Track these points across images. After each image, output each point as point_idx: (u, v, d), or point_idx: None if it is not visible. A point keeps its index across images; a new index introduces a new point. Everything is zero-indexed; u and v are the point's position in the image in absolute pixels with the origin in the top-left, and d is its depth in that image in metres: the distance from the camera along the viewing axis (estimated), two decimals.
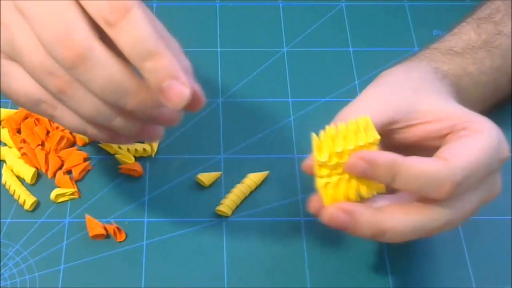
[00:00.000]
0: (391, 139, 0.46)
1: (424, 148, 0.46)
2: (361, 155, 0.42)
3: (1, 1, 0.41)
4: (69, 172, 0.55)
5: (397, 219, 0.43)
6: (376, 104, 0.45)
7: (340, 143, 0.42)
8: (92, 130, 0.43)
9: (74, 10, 0.39)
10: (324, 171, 0.43)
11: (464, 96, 0.51)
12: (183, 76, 0.39)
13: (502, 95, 0.56)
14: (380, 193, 0.44)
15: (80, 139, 0.57)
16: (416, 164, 0.42)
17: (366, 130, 0.43)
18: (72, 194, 0.54)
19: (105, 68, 0.39)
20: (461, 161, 0.42)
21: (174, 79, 0.38)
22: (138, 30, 0.38)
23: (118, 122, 0.42)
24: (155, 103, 0.40)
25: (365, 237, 0.44)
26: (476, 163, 0.42)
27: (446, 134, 0.45)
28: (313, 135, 0.42)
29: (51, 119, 0.44)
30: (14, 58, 0.42)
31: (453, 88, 0.50)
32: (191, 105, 0.40)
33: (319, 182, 0.43)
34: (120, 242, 0.52)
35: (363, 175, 0.42)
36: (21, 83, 0.43)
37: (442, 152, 0.43)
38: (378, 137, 0.43)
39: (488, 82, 0.53)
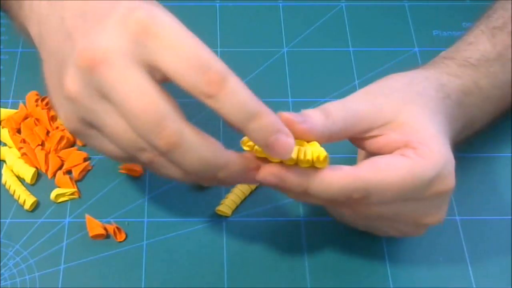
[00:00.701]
0: (361, 146, 0.47)
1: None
2: (272, 170, 0.42)
3: (83, 92, 0.42)
4: (69, 172, 0.55)
5: (324, 176, 0.43)
6: (356, 109, 0.45)
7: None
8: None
9: (162, 97, 0.40)
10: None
11: (471, 111, 0.51)
12: (285, 128, 0.41)
13: (509, 109, 0.56)
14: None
15: None
16: (324, 178, 0.42)
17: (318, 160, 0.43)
18: (72, 194, 0.54)
19: (196, 152, 0.40)
20: (371, 176, 0.42)
21: (280, 133, 0.40)
22: (238, 97, 0.40)
23: (205, 182, 0.45)
24: (243, 173, 0.42)
25: (295, 195, 0.44)
26: (388, 183, 0.42)
27: (399, 148, 0.45)
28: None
29: None
30: (99, 130, 0.43)
31: (454, 107, 0.49)
32: None
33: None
34: (120, 242, 0.52)
35: (276, 187, 0.43)
36: (106, 146, 0.44)
37: (369, 160, 0.44)
38: (325, 165, 0.43)
39: (497, 96, 0.53)
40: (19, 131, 0.57)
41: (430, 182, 0.43)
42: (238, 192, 0.54)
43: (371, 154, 0.47)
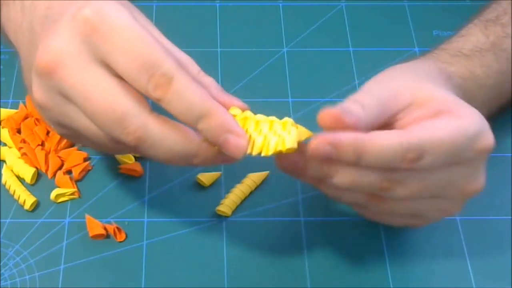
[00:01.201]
0: (392, 127, 0.46)
1: None
2: (325, 138, 0.41)
3: (47, 98, 0.42)
4: (69, 172, 0.55)
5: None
6: (377, 98, 0.45)
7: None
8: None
9: (123, 93, 0.40)
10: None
11: (470, 98, 0.51)
12: (237, 128, 0.41)
13: (507, 99, 0.56)
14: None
15: None
16: (378, 139, 0.41)
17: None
18: (72, 194, 0.54)
19: (163, 144, 0.41)
20: (423, 135, 0.42)
21: (229, 133, 0.40)
22: (185, 99, 0.40)
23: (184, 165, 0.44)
24: (219, 156, 0.42)
25: (348, 158, 0.42)
26: (440, 140, 0.42)
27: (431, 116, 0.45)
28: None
29: None
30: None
31: (458, 89, 0.49)
32: None
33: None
34: (120, 242, 0.52)
35: (328, 158, 0.42)
36: (95, 143, 0.44)
37: (412, 125, 0.43)
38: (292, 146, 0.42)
39: (493, 85, 0.53)
40: (19, 131, 0.57)
41: (475, 137, 0.43)
42: (238, 192, 0.54)
43: None
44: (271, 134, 0.43)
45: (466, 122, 0.43)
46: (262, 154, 0.42)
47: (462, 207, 0.48)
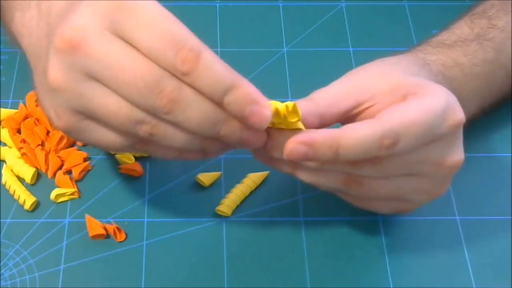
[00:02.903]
0: (361, 117, 0.47)
1: None
2: (299, 139, 0.42)
3: (67, 78, 0.42)
4: (69, 172, 0.55)
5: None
6: (343, 90, 0.46)
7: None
8: (184, 156, 0.45)
9: (150, 61, 0.40)
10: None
11: (457, 87, 0.51)
12: (261, 98, 0.41)
13: (501, 91, 0.56)
14: None
15: None
16: (352, 131, 0.42)
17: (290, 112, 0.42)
18: (72, 194, 0.54)
19: (197, 106, 0.40)
20: (395, 119, 0.42)
21: (254, 104, 0.41)
22: (213, 73, 0.40)
23: (207, 145, 0.44)
24: (244, 127, 0.42)
25: (325, 156, 0.43)
26: (412, 120, 0.42)
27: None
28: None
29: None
30: (92, 119, 0.43)
31: (437, 74, 0.50)
32: None
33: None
34: (120, 242, 0.52)
35: (305, 158, 0.43)
36: (103, 136, 0.44)
37: (381, 113, 0.44)
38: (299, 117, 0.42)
39: (482, 74, 0.53)
40: (19, 131, 0.57)
41: (444, 113, 0.43)
42: (238, 192, 0.54)
43: None
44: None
45: (433, 100, 0.44)
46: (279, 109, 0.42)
47: (446, 186, 0.48)
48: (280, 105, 0.42)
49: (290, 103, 0.42)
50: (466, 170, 0.55)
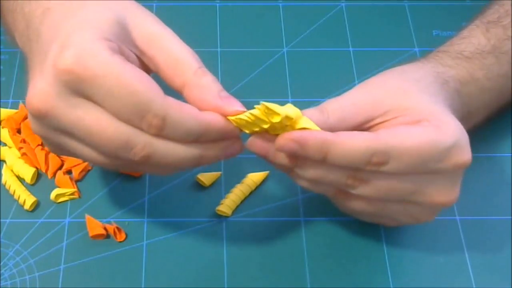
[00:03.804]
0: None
1: None
2: (292, 136, 0.42)
3: (48, 132, 0.44)
4: (69, 172, 0.55)
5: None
6: (357, 103, 0.46)
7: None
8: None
9: (119, 122, 0.41)
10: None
11: (469, 101, 0.51)
12: (230, 126, 0.44)
13: (506, 101, 0.56)
14: None
15: None
16: (345, 140, 0.42)
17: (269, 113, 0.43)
18: (72, 194, 0.54)
19: (171, 155, 0.43)
20: (391, 140, 0.42)
21: (226, 133, 0.44)
22: (182, 129, 0.42)
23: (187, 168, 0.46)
24: (221, 153, 0.45)
25: (313, 157, 0.43)
26: (408, 148, 0.42)
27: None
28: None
29: None
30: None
31: (454, 94, 0.49)
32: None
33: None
34: (120, 242, 0.52)
35: (295, 154, 0.43)
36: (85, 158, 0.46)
37: (384, 129, 0.44)
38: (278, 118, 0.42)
39: (494, 89, 0.53)
40: (19, 131, 0.57)
41: (448, 151, 0.43)
42: (238, 192, 0.54)
43: None
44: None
45: (442, 135, 0.43)
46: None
47: (434, 216, 0.48)
48: (255, 111, 0.42)
49: (261, 106, 0.42)
50: (466, 170, 0.55)
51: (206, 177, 0.55)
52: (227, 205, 0.53)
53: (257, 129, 0.44)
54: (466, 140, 0.44)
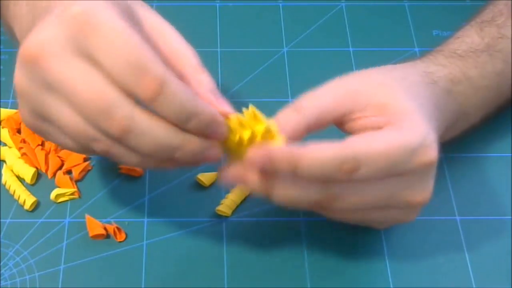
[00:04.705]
0: (345, 129, 0.47)
1: None
2: (260, 151, 0.42)
3: (29, 86, 0.42)
4: (69, 172, 0.55)
5: (282, 184, 0.43)
6: (331, 94, 0.46)
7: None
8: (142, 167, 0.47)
9: (107, 85, 0.40)
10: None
11: (463, 101, 0.51)
12: (219, 119, 0.42)
13: (505, 100, 0.56)
14: None
15: None
16: (314, 152, 0.42)
17: (253, 118, 0.43)
18: (72, 194, 0.54)
19: (149, 135, 0.41)
20: (359, 146, 0.42)
21: (215, 126, 0.42)
22: (175, 103, 0.40)
23: (162, 166, 0.44)
24: (200, 150, 0.42)
25: (283, 171, 0.43)
26: (377, 152, 0.42)
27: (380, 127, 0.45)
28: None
29: None
30: (52, 126, 0.44)
31: (442, 94, 0.49)
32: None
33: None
34: (120, 242, 0.52)
35: (264, 169, 0.43)
36: (62, 141, 0.44)
37: (350, 137, 0.44)
38: (263, 125, 0.43)
39: (489, 86, 0.53)
40: (19, 131, 0.57)
41: (414, 151, 0.43)
42: (238, 192, 0.54)
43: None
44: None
45: (407, 136, 0.44)
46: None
47: (416, 215, 0.48)
48: (241, 116, 0.43)
49: (250, 109, 0.43)
50: (466, 170, 0.55)
51: (206, 177, 0.55)
52: (227, 205, 0.53)
53: (237, 136, 0.44)
54: (431, 139, 0.44)
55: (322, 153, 0.42)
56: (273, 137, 0.44)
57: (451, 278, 0.51)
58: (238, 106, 0.60)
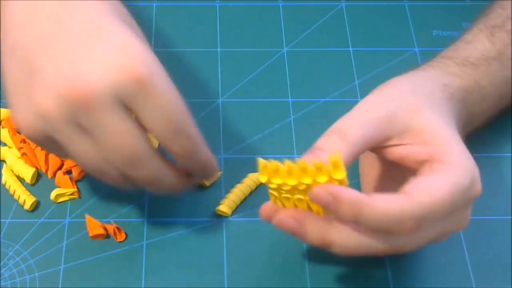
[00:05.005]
0: (382, 154, 0.47)
1: (407, 167, 0.46)
2: (327, 188, 0.41)
3: (59, 116, 0.42)
4: (69, 172, 0.55)
5: (343, 234, 0.43)
6: (372, 120, 0.45)
7: (294, 178, 0.42)
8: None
9: (140, 137, 0.43)
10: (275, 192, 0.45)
11: (472, 108, 0.51)
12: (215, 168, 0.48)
13: (505, 105, 0.56)
14: None
15: None
16: (379, 205, 0.41)
17: (334, 167, 0.41)
18: (72, 194, 0.54)
19: (165, 182, 0.46)
20: (424, 199, 0.42)
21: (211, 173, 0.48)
22: (200, 158, 0.46)
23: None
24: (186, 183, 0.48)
25: (314, 245, 0.44)
26: (440, 202, 0.42)
27: (424, 161, 0.44)
28: (260, 160, 0.43)
29: None
30: (63, 152, 0.46)
31: (459, 106, 0.49)
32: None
33: (271, 196, 0.45)
34: (120, 242, 0.52)
35: (326, 207, 0.42)
36: (63, 156, 0.49)
37: (409, 185, 0.43)
38: (344, 175, 0.41)
39: (498, 94, 0.53)
40: (19, 131, 0.57)
41: (468, 189, 0.43)
42: (238, 192, 0.54)
43: (391, 162, 0.47)
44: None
45: (460, 175, 0.43)
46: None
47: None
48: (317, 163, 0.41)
49: (333, 157, 0.40)
50: None
51: None
52: (227, 205, 0.53)
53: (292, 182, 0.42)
54: (478, 172, 0.44)
55: (387, 206, 0.41)
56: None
57: (451, 278, 0.51)
58: (238, 106, 0.60)
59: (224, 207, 0.53)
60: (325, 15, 0.68)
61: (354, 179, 0.50)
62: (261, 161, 0.43)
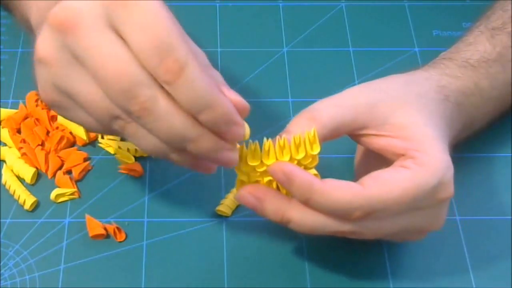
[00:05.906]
0: (360, 142, 0.47)
1: (386, 158, 0.46)
2: (282, 166, 0.43)
3: (56, 54, 0.41)
4: (69, 172, 0.55)
5: (300, 213, 0.44)
6: (351, 106, 0.45)
7: (272, 156, 0.44)
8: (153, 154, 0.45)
9: (135, 63, 0.39)
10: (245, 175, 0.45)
11: (472, 111, 0.51)
12: (237, 118, 0.42)
13: (506, 108, 0.56)
14: None
15: (80, 139, 0.57)
16: (330, 191, 0.42)
17: (311, 143, 0.43)
18: (72, 194, 0.54)
19: (168, 120, 0.40)
20: (376, 193, 0.42)
21: (231, 123, 0.41)
22: (194, 89, 0.39)
23: (174, 156, 0.44)
24: (213, 149, 0.42)
25: (273, 221, 0.45)
26: (395, 198, 0.43)
27: (400, 155, 0.45)
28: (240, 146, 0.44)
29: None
30: (72, 101, 0.43)
31: (453, 109, 0.49)
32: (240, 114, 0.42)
33: (238, 182, 0.46)
34: (120, 242, 0.52)
35: (280, 184, 0.44)
36: (82, 117, 0.44)
37: (369, 177, 0.44)
38: (318, 149, 0.43)
39: (499, 97, 0.53)
40: (19, 131, 0.57)
41: (432, 190, 0.43)
42: None
43: (370, 151, 0.47)
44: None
45: (426, 175, 0.43)
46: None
47: (424, 236, 0.48)
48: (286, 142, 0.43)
49: (310, 133, 0.43)
50: (466, 170, 0.55)
51: None
52: (227, 205, 0.53)
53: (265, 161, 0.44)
54: (450, 175, 0.44)
55: (338, 193, 0.42)
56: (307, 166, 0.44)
57: (451, 278, 0.51)
58: None
59: (224, 207, 0.53)
60: (325, 15, 0.68)
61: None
62: (243, 147, 0.44)
